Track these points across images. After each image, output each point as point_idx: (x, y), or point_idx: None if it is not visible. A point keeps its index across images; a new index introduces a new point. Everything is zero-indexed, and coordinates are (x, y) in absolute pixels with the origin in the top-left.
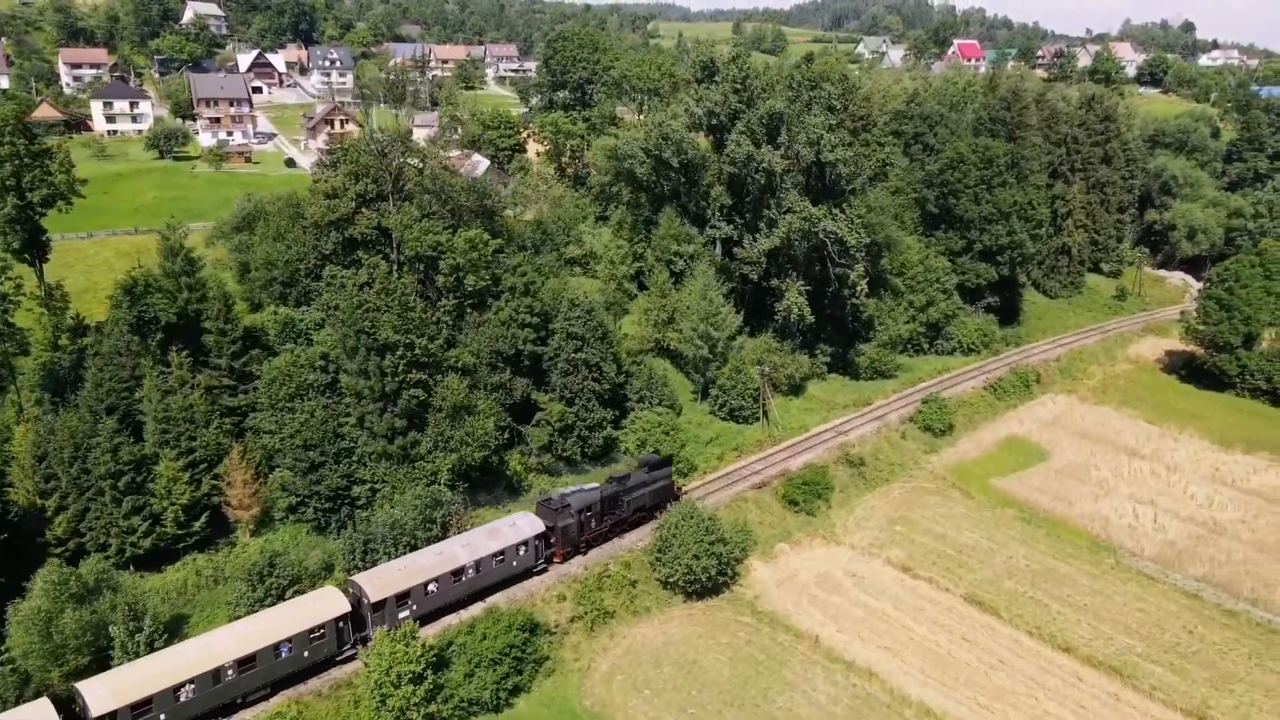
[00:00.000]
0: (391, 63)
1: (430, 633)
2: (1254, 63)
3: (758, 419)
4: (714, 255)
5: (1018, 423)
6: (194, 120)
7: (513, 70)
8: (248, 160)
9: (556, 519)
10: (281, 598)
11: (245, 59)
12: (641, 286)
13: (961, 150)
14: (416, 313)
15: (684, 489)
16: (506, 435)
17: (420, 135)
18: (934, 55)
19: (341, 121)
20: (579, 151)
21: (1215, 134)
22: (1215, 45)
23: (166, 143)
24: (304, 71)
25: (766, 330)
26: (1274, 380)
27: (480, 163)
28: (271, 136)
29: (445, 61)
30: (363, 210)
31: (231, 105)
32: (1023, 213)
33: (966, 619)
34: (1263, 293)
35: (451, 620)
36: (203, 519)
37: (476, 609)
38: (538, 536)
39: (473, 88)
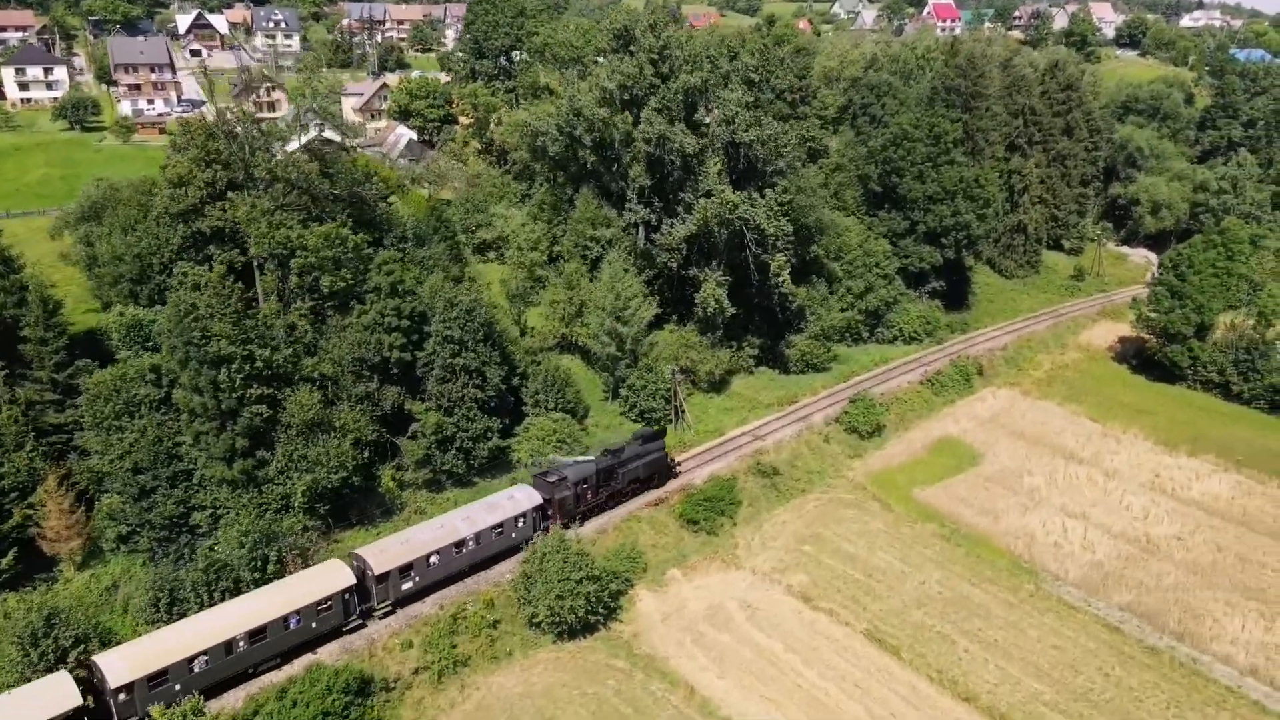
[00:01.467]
0: (341, 24)
1: (237, 699)
2: (1238, 23)
3: (670, 422)
4: (635, 241)
5: (953, 421)
6: (116, 87)
7: None
8: (163, 131)
9: (554, 491)
10: (63, 661)
11: (185, 20)
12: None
13: (904, 125)
14: (258, 319)
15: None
16: (370, 452)
17: (349, 105)
18: (908, 16)
19: (269, 89)
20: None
21: (1189, 100)
22: (1200, 4)
23: (75, 112)
24: (250, 33)
25: (690, 322)
26: (1226, 372)
27: (403, 136)
28: (200, 104)
29: (401, 23)
30: (223, 197)
31: (152, 71)
32: (969, 191)
33: (863, 660)
34: (1224, 274)
35: (265, 681)
36: (9, 555)
37: (296, 666)
38: (535, 509)
39: (430, 50)
